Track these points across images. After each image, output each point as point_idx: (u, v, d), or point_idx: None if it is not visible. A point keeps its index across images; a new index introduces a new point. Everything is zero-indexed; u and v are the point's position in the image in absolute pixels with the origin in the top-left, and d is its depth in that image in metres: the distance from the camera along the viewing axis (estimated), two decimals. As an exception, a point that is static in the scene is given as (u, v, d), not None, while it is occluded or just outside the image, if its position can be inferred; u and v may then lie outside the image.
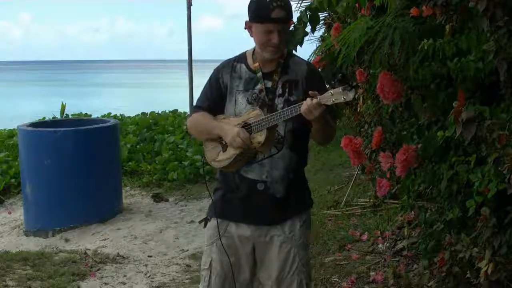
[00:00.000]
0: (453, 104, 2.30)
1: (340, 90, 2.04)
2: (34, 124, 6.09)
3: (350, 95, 2.03)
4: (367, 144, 3.50)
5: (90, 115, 10.08)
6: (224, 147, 2.31)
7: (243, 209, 2.35)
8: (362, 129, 3.98)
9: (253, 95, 2.30)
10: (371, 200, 5.16)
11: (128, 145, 7.75)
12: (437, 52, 2.45)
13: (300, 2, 3.27)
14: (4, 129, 9.36)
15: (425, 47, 2.45)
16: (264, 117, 2.20)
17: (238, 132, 2.21)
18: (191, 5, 9.20)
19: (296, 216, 2.38)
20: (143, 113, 10.33)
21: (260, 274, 2.42)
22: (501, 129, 2.15)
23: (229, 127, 2.27)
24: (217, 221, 2.39)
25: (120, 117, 10.04)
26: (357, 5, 3.14)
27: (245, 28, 2.30)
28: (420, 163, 2.79)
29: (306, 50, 3.42)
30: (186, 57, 9.56)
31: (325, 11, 3.64)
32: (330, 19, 4.65)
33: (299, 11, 3.16)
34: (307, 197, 2.48)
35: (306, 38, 3.13)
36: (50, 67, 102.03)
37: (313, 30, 3.18)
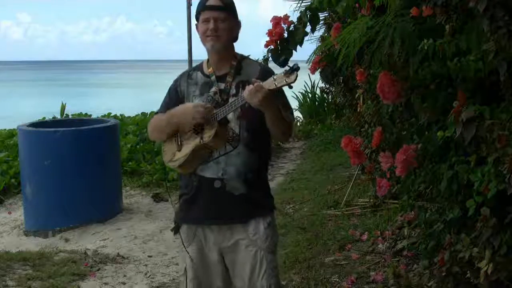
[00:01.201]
0: (453, 104, 2.30)
1: (282, 74, 2.10)
2: (34, 124, 6.09)
3: (292, 77, 2.08)
4: (367, 144, 3.50)
5: (90, 115, 10.07)
6: (179, 147, 2.37)
7: (204, 209, 2.39)
8: (362, 129, 3.97)
9: (208, 98, 2.38)
10: (371, 200, 5.17)
11: (128, 145, 7.75)
12: (437, 52, 2.44)
13: (300, 2, 3.27)
14: (4, 129, 9.35)
15: (425, 47, 2.44)
16: (214, 112, 2.27)
17: (195, 104, 2.31)
18: (191, 5, 9.20)
19: (259, 217, 2.39)
20: (143, 113, 10.32)
21: (235, 280, 2.45)
22: (501, 129, 2.15)
23: (184, 106, 2.36)
24: (179, 226, 2.46)
25: (120, 117, 10.02)
26: (357, 5, 3.14)
27: (197, 31, 2.43)
28: (420, 163, 2.79)
29: (306, 50, 3.41)
30: (186, 57, 9.55)
31: (325, 11, 3.64)
32: (330, 19, 4.64)
33: (299, 11, 3.16)
34: (270, 201, 2.49)
35: (306, 38, 3.13)
36: (50, 67, 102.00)
37: (313, 30, 3.17)
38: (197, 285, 2.46)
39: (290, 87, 2.14)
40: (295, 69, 2.08)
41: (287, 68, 2.10)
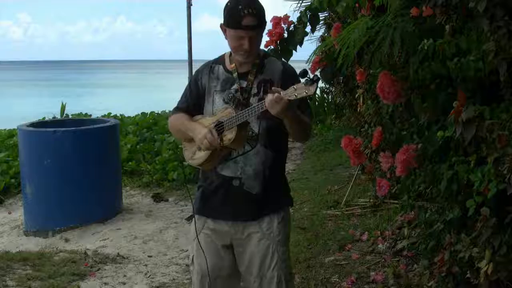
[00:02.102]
0: (453, 104, 2.30)
1: (303, 84, 2.11)
2: (34, 124, 6.09)
3: (312, 89, 2.09)
4: (367, 144, 3.50)
5: (90, 115, 10.07)
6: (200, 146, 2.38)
7: (221, 206, 2.43)
8: (362, 129, 3.97)
9: (229, 95, 2.38)
10: (371, 200, 5.17)
11: (128, 145, 7.75)
12: (437, 52, 2.44)
13: (300, 2, 3.27)
14: (4, 129, 9.35)
15: (425, 47, 2.45)
16: (235, 114, 2.27)
17: (205, 134, 2.29)
18: (191, 5, 9.18)
19: (273, 214, 2.43)
20: (143, 113, 10.33)
21: (242, 269, 2.48)
22: (501, 129, 2.15)
23: (199, 128, 2.35)
24: (195, 218, 2.51)
25: (120, 117, 10.03)
26: (357, 5, 3.14)
27: (222, 31, 2.36)
28: (420, 163, 2.79)
29: (306, 50, 3.42)
30: (186, 57, 9.54)
31: (325, 11, 3.64)
32: (330, 19, 4.64)
33: (299, 11, 3.16)
34: (287, 195, 2.53)
35: (306, 38, 3.13)
36: (50, 67, 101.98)
37: (313, 30, 3.18)
38: (200, 277, 2.49)
39: (310, 99, 2.16)
40: (315, 80, 2.09)
41: (307, 78, 2.10)
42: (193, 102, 2.47)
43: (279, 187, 2.49)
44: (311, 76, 2.11)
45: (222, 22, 2.33)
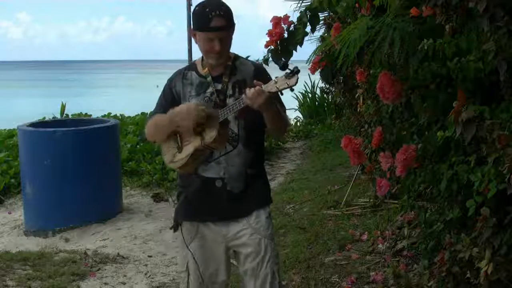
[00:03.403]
0: (453, 104, 2.30)
1: (283, 77, 2.12)
2: (34, 124, 6.09)
3: (293, 81, 2.11)
4: (367, 144, 3.50)
5: (90, 115, 10.06)
6: (180, 148, 2.38)
7: (206, 207, 2.44)
8: (362, 129, 3.98)
9: (205, 98, 2.40)
10: (371, 200, 5.17)
11: (128, 145, 7.75)
12: (437, 52, 2.44)
13: (300, 2, 3.27)
14: (4, 129, 9.35)
15: (425, 47, 2.45)
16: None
17: (189, 105, 2.30)
18: (191, 5, 9.19)
19: (260, 209, 2.45)
20: (143, 113, 10.32)
21: (240, 270, 2.50)
22: (501, 129, 2.15)
23: (185, 105, 2.33)
24: (181, 226, 2.48)
25: (120, 117, 10.02)
26: (357, 5, 3.14)
27: (193, 36, 2.39)
28: (420, 163, 2.79)
29: (306, 50, 3.42)
30: (186, 57, 9.55)
31: (325, 11, 3.64)
32: (330, 19, 4.64)
33: (299, 11, 3.16)
34: (268, 193, 2.56)
35: (306, 38, 3.13)
36: (50, 67, 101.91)
37: (313, 30, 3.17)
38: (198, 283, 2.48)
39: (292, 90, 2.16)
40: (296, 71, 2.10)
41: (287, 71, 2.11)
42: (168, 109, 2.45)
43: (262, 183, 2.52)
44: (292, 68, 2.12)
45: (192, 27, 2.36)
